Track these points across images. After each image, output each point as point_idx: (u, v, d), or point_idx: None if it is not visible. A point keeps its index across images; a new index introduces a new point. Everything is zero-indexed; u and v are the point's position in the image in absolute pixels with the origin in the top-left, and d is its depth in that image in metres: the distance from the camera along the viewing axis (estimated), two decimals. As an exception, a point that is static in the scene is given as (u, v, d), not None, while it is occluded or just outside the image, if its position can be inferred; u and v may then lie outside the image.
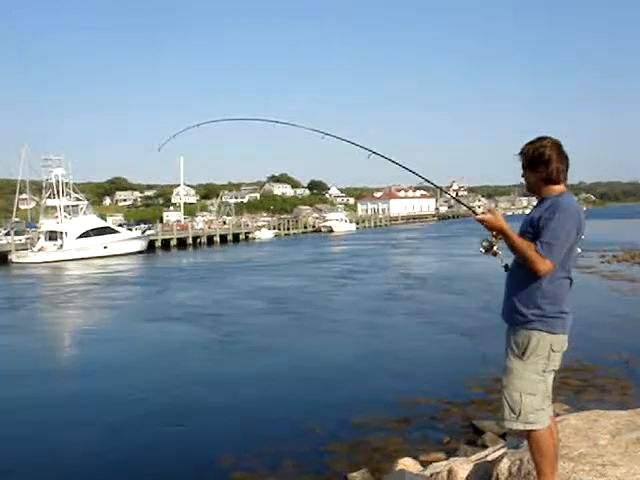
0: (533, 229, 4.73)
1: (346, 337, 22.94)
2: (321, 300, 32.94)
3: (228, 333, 24.23)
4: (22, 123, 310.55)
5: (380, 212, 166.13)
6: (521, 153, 4.98)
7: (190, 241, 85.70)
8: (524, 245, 4.64)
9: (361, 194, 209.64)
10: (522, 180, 5.05)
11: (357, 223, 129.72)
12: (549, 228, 4.61)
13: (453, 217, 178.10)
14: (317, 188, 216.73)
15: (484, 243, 4.92)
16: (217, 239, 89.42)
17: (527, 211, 5.15)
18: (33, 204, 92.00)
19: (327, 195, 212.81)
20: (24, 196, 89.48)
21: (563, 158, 4.87)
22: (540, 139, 4.90)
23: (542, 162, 4.81)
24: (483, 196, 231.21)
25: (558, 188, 4.85)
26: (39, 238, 67.01)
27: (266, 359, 19.92)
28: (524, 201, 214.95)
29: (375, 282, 39.35)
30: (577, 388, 13.96)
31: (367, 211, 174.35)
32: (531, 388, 4.80)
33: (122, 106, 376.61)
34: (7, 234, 72.10)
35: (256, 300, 33.30)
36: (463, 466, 6.34)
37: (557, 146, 4.86)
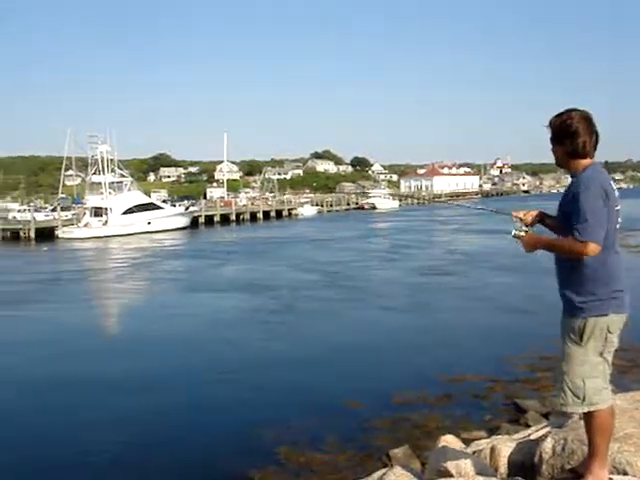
0: (567, 210, 4.64)
1: (391, 312, 22.96)
2: (367, 274, 33.06)
3: (276, 306, 24.49)
4: (68, 100, 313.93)
5: (423, 189, 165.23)
6: (549, 126, 4.81)
7: (233, 217, 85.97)
8: (560, 242, 4.60)
9: (404, 171, 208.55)
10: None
11: (400, 200, 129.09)
12: (577, 210, 4.46)
13: (497, 195, 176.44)
14: (360, 165, 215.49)
15: (516, 233, 4.85)
16: (260, 215, 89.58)
17: None
18: (79, 180, 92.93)
19: (370, 172, 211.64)
20: (70, 172, 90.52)
21: (591, 132, 4.67)
22: (568, 111, 4.71)
23: (568, 135, 4.64)
24: (527, 173, 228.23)
25: (585, 162, 4.69)
26: (84, 214, 67.84)
27: (311, 333, 20.15)
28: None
29: (421, 258, 39.34)
30: (623, 368, 13.75)
31: (410, 188, 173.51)
32: (592, 371, 4.70)
33: (167, 83, 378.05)
34: (54, 210, 73.08)
35: (304, 274, 33.68)
36: (506, 444, 6.29)
37: (585, 119, 4.67)
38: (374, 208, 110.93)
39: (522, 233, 4.80)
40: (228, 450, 10.91)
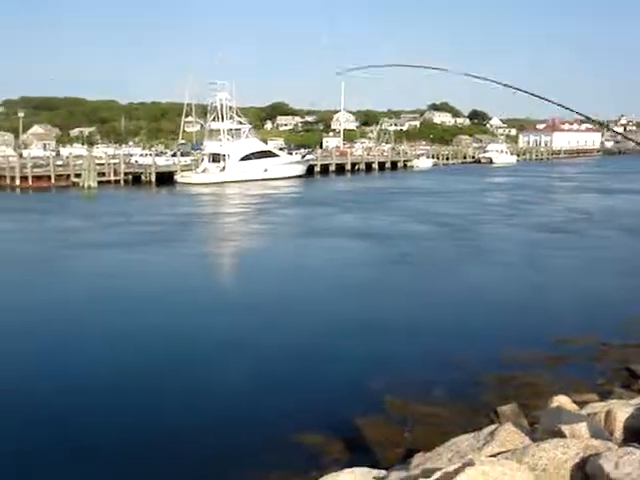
0: None
1: (507, 268, 22.71)
2: (484, 228, 32.86)
3: (392, 256, 24.78)
4: (188, 47, 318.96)
5: (542, 145, 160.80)
6: None
7: (349, 167, 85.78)
8: None
9: (523, 125, 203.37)
10: None
11: (518, 155, 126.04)
12: None
13: (619, 153, 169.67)
14: (478, 118, 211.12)
15: None
16: (375, 166, 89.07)
17: None
18: (198, 127, 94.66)
19: (488, 125, 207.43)
20: (190, 119, 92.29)
21: None
22: None
23: None
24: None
25: None
26: (203, 160, 69.11)
27: (425, 285, 20.27)
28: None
29: (539, 214, 38.60)
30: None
31: (529, 143, 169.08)
32: None
33: (286, 31, 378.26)
34: (173, 155, 74.68)
35: (421, 224, 33.88)
36: (622, 409, 6.09)
37: None
38: (491, 162, 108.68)
39: None
40: (337, 396, 11.05)
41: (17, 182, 59.06)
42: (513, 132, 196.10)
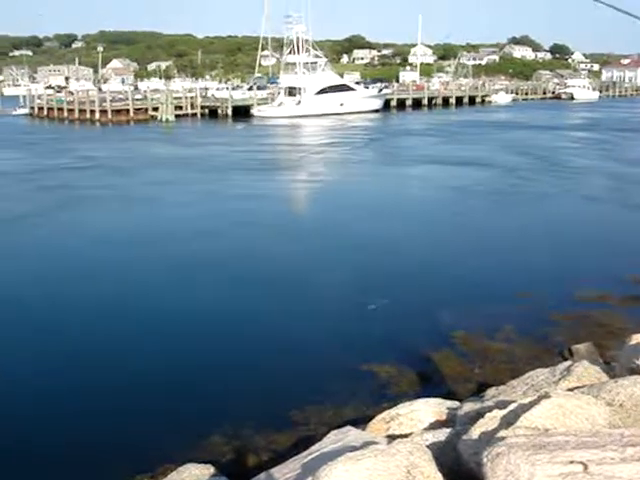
0: None
1: (590, 203, 22.46)
2: (571, 162, 32.52)
3: (476, 185, 25.29)
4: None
5: (626, 81, 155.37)
6: None
7: (425, 102, 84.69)
8: None
9: (607, 61, 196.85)
10: None
11: (600, 91, 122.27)
12: None
13: None
14: (559, 52, 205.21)
15: None
16: (452, 101, 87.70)
17: None
18: (274, 60, 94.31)
19: (570, 60, 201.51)
20: (266, 53, 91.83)
21: None
22: None
23: None
24: None
25: None
26: (279, 93, 69.20)
27: (501, 217, 20.55)
28: None
29: (628, 150, 37.83)
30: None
31: (612, 79, 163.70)
32: None
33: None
34: (250, 89, 74.89)
35: (511, 155, 34.27)
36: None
37: None
38: (572, 98, 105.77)
39: None
40: (408, 328, 11.08)
41: (97, 116, 60.31)
42: (596, 67, 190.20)
